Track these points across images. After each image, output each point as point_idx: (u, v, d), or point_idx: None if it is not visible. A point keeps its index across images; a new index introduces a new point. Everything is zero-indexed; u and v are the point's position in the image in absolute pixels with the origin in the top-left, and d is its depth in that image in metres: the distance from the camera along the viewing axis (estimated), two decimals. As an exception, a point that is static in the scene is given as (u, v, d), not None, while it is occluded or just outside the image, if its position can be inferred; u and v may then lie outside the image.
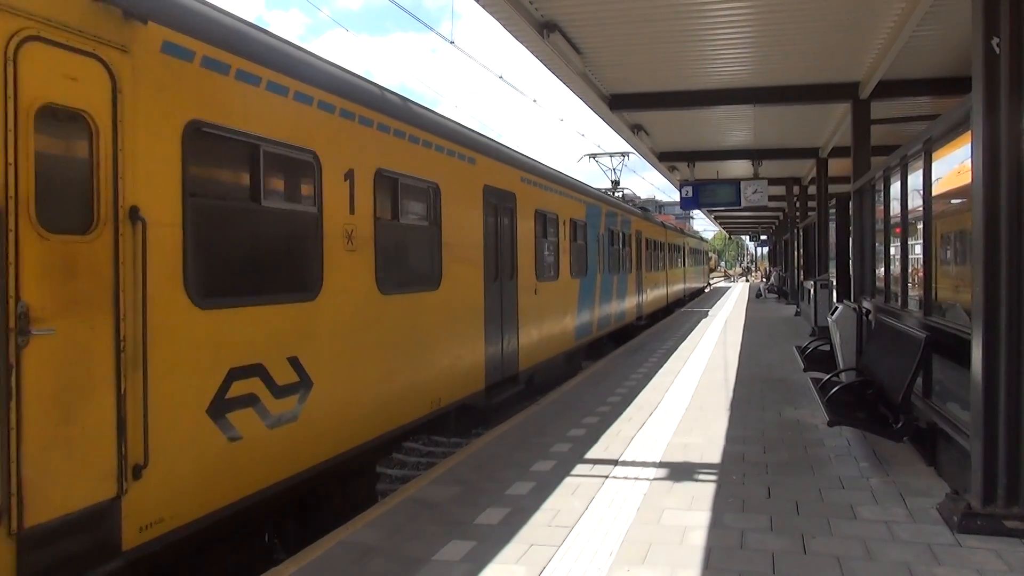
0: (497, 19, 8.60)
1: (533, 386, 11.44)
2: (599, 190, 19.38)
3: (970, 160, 5.07)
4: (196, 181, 4.62)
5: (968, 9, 5.01)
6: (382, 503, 5.75)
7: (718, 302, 32.89)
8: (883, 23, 8.99)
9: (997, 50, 4.74)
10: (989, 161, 4.79)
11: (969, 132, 5.12)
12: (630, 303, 20.10)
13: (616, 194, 25.48)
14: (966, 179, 6.28)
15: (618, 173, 27.38)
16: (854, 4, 8.39)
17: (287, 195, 5.76)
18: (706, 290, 48.89)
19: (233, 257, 5.09)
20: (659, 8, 8.55)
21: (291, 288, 5.60)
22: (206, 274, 4.69)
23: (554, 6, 8.50)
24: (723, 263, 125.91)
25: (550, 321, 12.32)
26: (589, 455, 6.94)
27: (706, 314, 24.57)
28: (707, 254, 56.76)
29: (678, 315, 25.19)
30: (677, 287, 31.96)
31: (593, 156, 27.72)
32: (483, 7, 8.20)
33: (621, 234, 18.92)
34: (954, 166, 6.50)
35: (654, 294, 24.78)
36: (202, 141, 4.68)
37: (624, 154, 27.35)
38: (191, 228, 4.51)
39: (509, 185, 10.33)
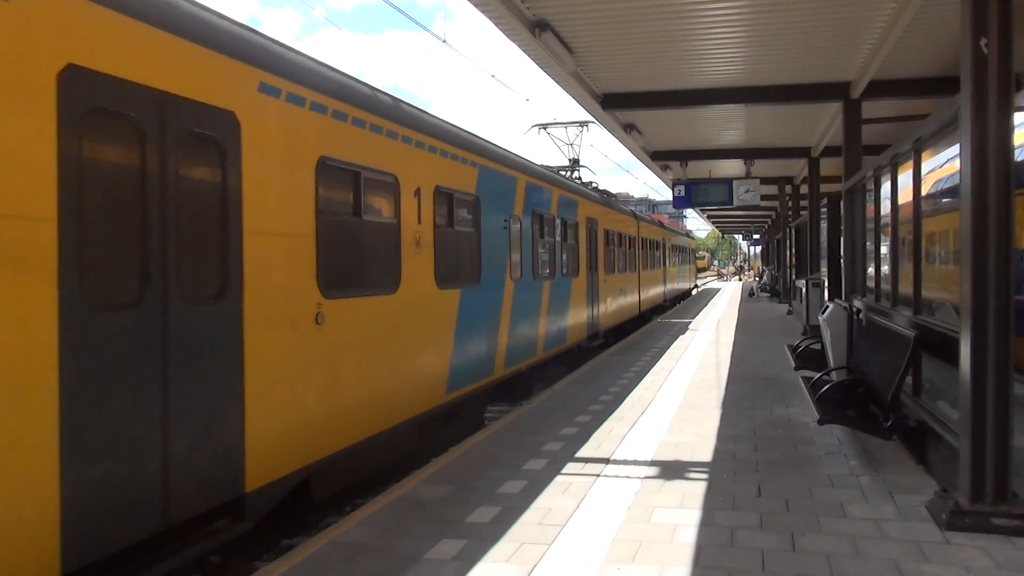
0: (489, 18, 8.60)
1: (314, 508, 6.38)
2: (547, 168, 14.30)
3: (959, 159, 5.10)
4: None
5: (957, 9, 5.04)
6: (373, 502, 5.75)
7: (706, 307, 29.18)
8: (874, 23, 9.02)
9: (985, 50, 4.77)
10: (978, 160, 4.82)
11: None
12: (576, 318, 14.59)
13: (574, 175, 19.64)
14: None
15: (577, 149, 21.54)
16: (845, 4, 8.42)
17: None
18: (693, 292, 43.83)
19: None
20: (651, 8, 8.56)
21: None
22: None
23: (546, 5, 8.50)
24: (716, 262, 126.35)
25: (371, 371, 6.76)
26: (581, 453, 6.95)
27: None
28: (694, 252, 49.09)
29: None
30: (654, 291, 26.61)
31: (544, 127, 21.06)
32: (475, 6, 8.19)
33: (559, 223, 13.63)
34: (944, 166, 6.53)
35: (620, 303, 19.37)
36: None
37: (583, 123, 20.89)
38: None
39: (204, 91, 4.76)
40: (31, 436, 3.67)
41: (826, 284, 14.75)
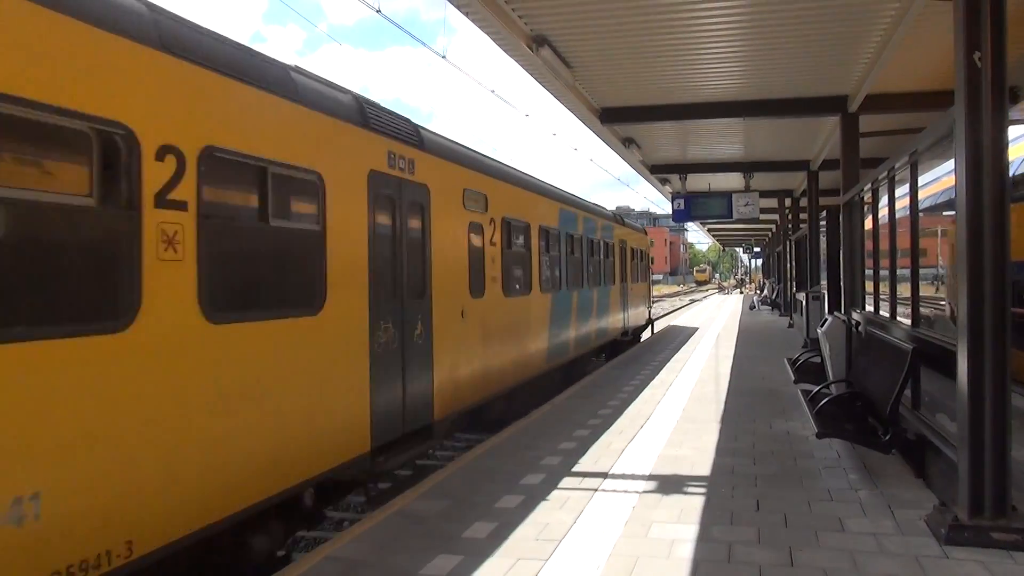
0: (488, 34, 8.66)
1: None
2: None
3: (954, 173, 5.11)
4: None
5: (951, 23, 5.07)
6: (370, 517, 5.72)
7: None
8: (870, 37, 9.08)
9: (979, 64, 4.79)
10: (972, 173, 4.83)
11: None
12: None
13: None
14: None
15: None
16: (841, 19, 8.48)
17: None
18: (645, 336, 23.06)
19: None
20: (649, 22, 8.62)
21: None
22: None
23: (544, 21, 8.56)
24: (717, 275, 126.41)
25: None
26: (579, 468, 6.92)
27: None
28: (644, 253, 24.63)
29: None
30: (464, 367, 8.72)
31: None
32: (473, 22, 8.26)
33: None
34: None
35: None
36: None
37: None
38: None
39: None
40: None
41: (826, 297, 14.74)
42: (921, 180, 7.14)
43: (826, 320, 11.44)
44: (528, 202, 11.93)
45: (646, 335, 23.23)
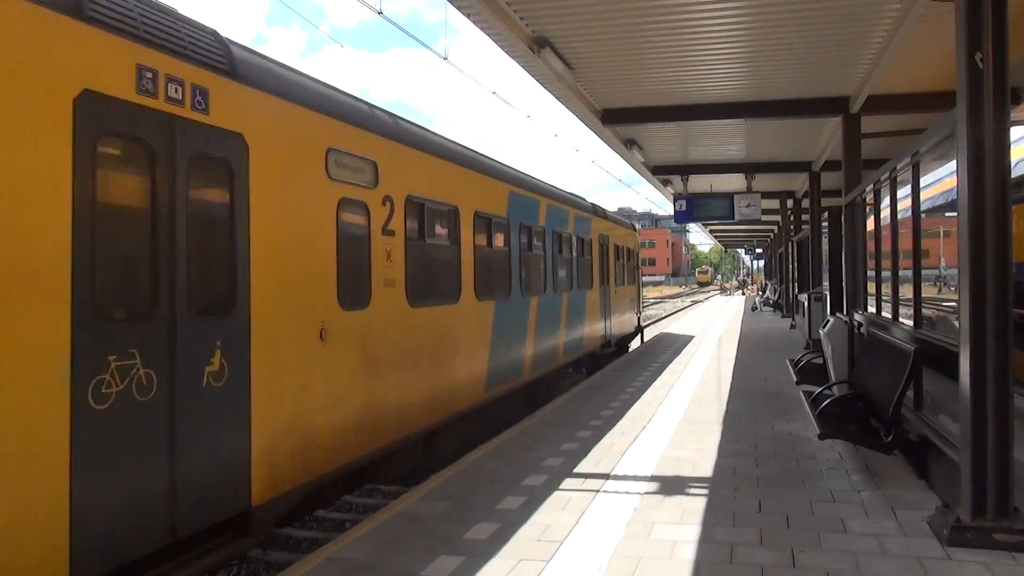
0: (488, 35, 8.67)
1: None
2: None
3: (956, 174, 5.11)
4: None
5: (953, 24, 5.07)
6: (372, 518, 5.73)
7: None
8: (871, 38, 9.08)
9: (980, 65, 4.79)
10: (974, 174, 4.82)
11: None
12: None
13: None
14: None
15: None
16: (843, 20, 8.49)
17: None
18: (633, 346, 21.08)
19: None
20: (650, 24, 8.63)
21: None
22: None
23: (545, 22, 8.57)
24: (719, 276, 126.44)
25: None
26: (580, 469, 6.92)
27: None
28: (632, 252, 22.10)
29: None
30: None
31: None
32: (474, 23, 8.27)
33: None
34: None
35: None
36: None
37: None
38: None
39: None
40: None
41: (828, 298, 14.73)
42: (923, 181, 7.13)
43: (828, 321, 11.42)
44: (455, 179, 9.03)
45: (635, 344, 21.21)
